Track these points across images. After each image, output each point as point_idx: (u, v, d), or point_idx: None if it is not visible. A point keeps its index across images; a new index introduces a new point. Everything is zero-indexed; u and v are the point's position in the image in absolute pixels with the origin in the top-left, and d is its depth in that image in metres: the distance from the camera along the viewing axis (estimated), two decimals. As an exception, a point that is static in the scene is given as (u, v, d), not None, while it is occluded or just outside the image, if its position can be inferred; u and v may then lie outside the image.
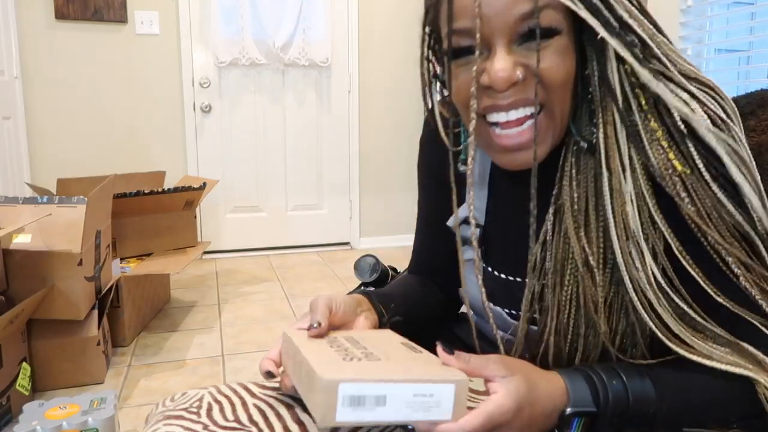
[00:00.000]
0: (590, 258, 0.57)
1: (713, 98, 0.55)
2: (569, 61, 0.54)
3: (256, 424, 0.61)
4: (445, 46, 0.57)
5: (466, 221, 0.70)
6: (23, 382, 1.60)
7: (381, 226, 3.70)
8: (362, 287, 1.11)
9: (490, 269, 0.71)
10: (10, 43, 2.82)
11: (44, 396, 1.69)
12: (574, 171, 0.58)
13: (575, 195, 0.58)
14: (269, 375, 0.63)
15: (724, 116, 0.54)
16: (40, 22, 2.94)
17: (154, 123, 3.21)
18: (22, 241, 1.64)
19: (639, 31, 0.53)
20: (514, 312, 0.68)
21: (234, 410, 0.64)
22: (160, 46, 3.15)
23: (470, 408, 0.48)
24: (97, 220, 1.81)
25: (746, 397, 0.56)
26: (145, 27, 3.10)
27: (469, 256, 0.70)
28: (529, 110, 0.56)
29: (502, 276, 0.70)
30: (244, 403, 0.65)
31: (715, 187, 0.54)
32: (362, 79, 3.50)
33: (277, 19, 3.24)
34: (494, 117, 0.57)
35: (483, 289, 0.63)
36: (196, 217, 2.53)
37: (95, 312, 1.78)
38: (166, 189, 2.30)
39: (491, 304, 0.68)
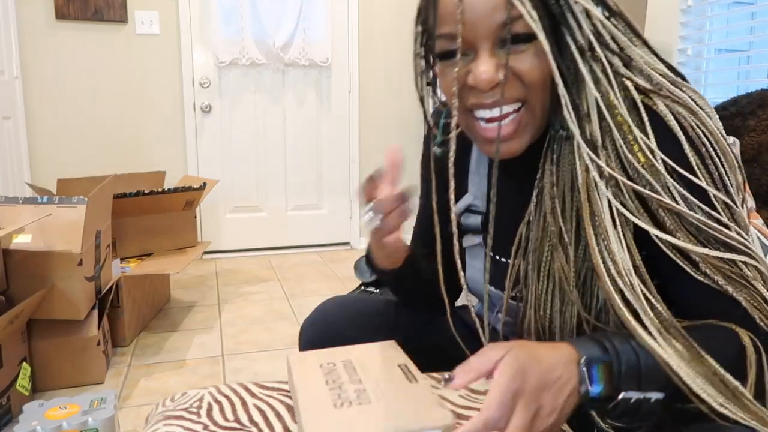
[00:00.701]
0: (564, 235, 0.62)
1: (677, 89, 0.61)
2: (546, 62, 0.58)
3: (256, 424, 0.61)
4: (435, 48, 0.62)
5: (467, 210, 0.77)
6: (23, 382, 1.60)
7: (381, 226, 3.70)
8: (362, 287, 1.13)
9: (491, 254, 0.75)
10: (10, 43, 2.82)
11: (44, 396, 1.69)
12: (555, 156, 0.63)
13: (554, 178, 0.63)
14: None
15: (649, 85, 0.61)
16: (40, 22, 2.95)
17: (154, 123, 3.21)
18: (22, 241, 1.64)
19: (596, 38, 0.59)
20: (513, 294, 0.71)
21: (234, 410, 0.64)
22: (160, 46, 3.15)
23: (469, 407, 0.48)
24: (97, 220, 1.81)
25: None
26: (145, 27, 3.10)
27: (470, 243, 0.77)
28: (511, 107, 0.61)
29: (502, 260, 0.74)
30: (244, 403, 0.65)
31: (670, 180, 0.58)
32: (362, 79, 3.50)
33: (277, 19, 3.24)
34: (480, 113, 0.62)
35: (487, 273, 0.70)
36: (196, 217, 2.53)
37: (95, 312, 1.78)
38: (166, 189, 2.30)
39: (492, 288, 0.73)
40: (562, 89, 0.59)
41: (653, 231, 0.58)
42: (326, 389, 0.58)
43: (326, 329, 0.83)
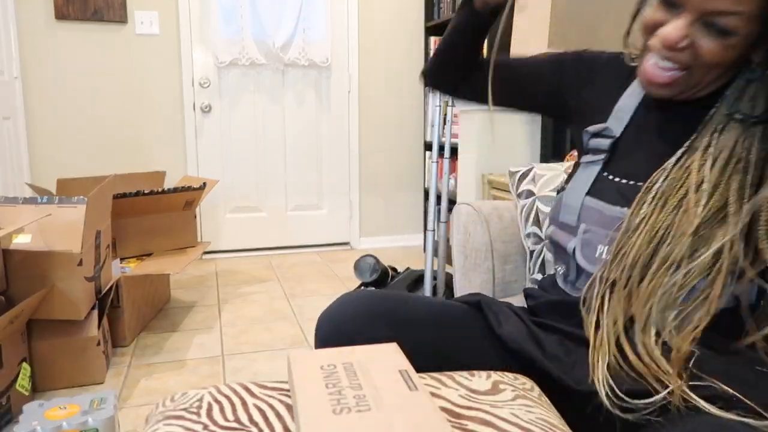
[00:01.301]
0: (702, 186, 0.68)
1: None
2: (731, 53, 0.67)
3: (256, 424, 0.61)
4: None
5: (597, 135, 0.85)
6: (23, 382, 1.60)
7: (381, 226, 3.70)
8: (362, 287, 1.13)
9: (605, 173, 0.82)
10: (10, 43, 2.83)
11: (44, 396, 1.69)
12: (719, 127, 0.70)
13: (711, 148, 0.70)
14: None
15: None
16: (40, 22, 2.95)
17: (154, 123, 3.21)
18: (22, 241, 1.65)
19: None
20: (620, 206, 0.78)
21: (234, 410, 0.64)
22: (160, 46, 3.15)
23: (470, 407, 0.48)
24: (97, 220, 1.81)
25: None
26: (145, 27, 3.10)
27: (588, 160, 0.85)
28: (674, 65, 0.70)
29: (615, 179, 0.81)
30: (244, 403, 0.65)
31: None
32: (362, 79, 3.50)
33: (277, 19, 3.25)
34: (652, 58, 0.72)
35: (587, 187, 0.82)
36: (196, 217, 2.53)
37: (95, 312, 1.78)
38: (166, 189, 2.30)
39: (590, 197, 0.81)
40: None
41: None
42: (325, 393, 0.58)
43: (341, 328, 0.82)
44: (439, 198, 2.35)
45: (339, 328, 0.82)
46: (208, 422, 0.61)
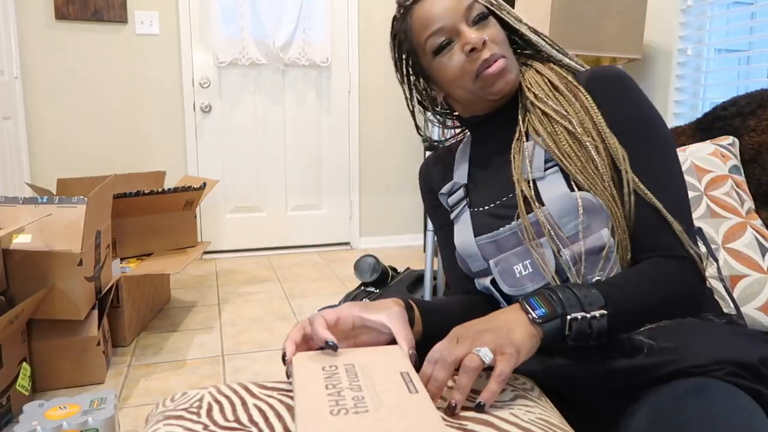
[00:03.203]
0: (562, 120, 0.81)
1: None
2: (501, 32, 0.84)
3: (256, 424, 0.61)
4: (427, 49, 0.84)
5: (451, 192, 0.94)
6: (23, 382, 1.60)
7: (381, 226, 3.70)
8: (362, 287, 1.16)
9: (474, 209, 0.90)
10: (10, 43, 2.83)
11: (44, 396, 1.69)
12: (531, 81, 0.86)
13: (534, 94, 0.84)
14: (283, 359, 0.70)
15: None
16: (40, 22, 2.95)
17: (154, 123, 3.21)
18: (22, 241, 1.64)
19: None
20: (500, 227, 0.84)
21: (234, 410, 0.64)
22: (160, 46, 3.15)
23: (468, 407, 0.48)
24: (97, 220, 1.81)
25: (679, 278, 0.73)
26: (145, 27, 3.10)
27: (455, 213, 0.93)
28: (498, 56, 0.82)
29: (485, 208, 0.88)
30: (244, 403, 0.65)
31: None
32: (362, 79, 3.50)
33: (277, 19, 3.25)
34: (483, 65, 0.81)
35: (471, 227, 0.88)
36: (196, 217, 2.53)
37: (95, 312, 1.78)
38: (166, 189, 2.30)
39: (480, 237, 0.86)
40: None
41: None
42: (325, 394, 0.58)
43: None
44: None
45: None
46: (208, 422, 0.61)
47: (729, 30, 2.26)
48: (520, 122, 0.85)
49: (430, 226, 2.25)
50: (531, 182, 0.81)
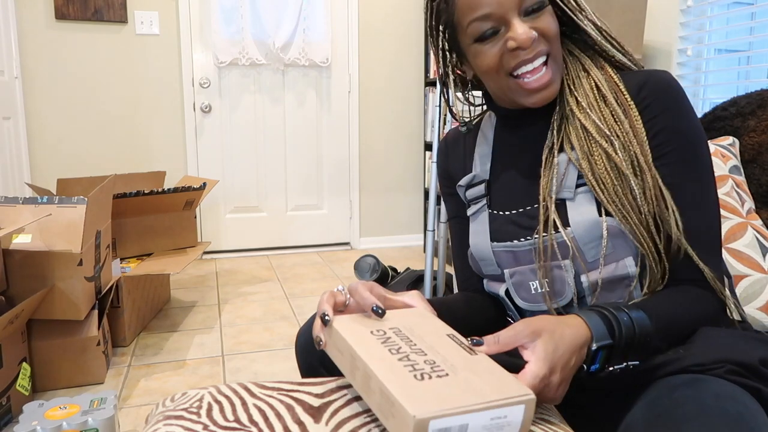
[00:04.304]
0: (605, 130, 0.75)
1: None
2: (557, 23, 0.76)
3: (256, 424, 0.61)
4: (468, 33, 0.76)
5: (471, 185, 0.88)
6: (23, 382, 1.60)
7: (381, 226, 3.70)
8: None
9: (494, 211, 0.85)
10: (10, 43, 2.83)
11: (44, 396, 1.69)
12: (558, 117, 0.79)
13: (577, 100, 0.77)
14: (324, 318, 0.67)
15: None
16: (40, 22, 2.95)
17: (154, 123, 3.21)
18: (22, 241, 1.64)
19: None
20: (520, 239, 0.80)
21: (234, 410, 0.64)
22: (160, 46, 3.15)
23: None
24: (97, 220, 1.81)
25: (705, 311, 0.72)
26: (145, 27, 3.10)
27: (474, 210, 0.87)
28: (542, 58, 0.75)
29: (506, 213, 0.83)
30: (244, 403, 0.65)
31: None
32: (362, 79, 3.50)
33: (277, 19, 3.25)
34: (523, 69, 0.75)
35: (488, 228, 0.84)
36: (196, 217, 2.53)
37: (95, 312, 1.78)
38: (166, 189, 2.30)
39: (496, 243, 0.82)
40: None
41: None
42: (395, 359, 0.56)
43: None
44: (439, 198, 2.35)
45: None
46: (208, 422, 0.61)
47: (729, 30, 2.25)
48: (555, 130, 0.78)
49: (430, 226, 2.24)
50: (558, 201, 0.76)
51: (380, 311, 0.65)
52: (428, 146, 3.59)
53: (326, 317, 0.65)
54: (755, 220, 1.16)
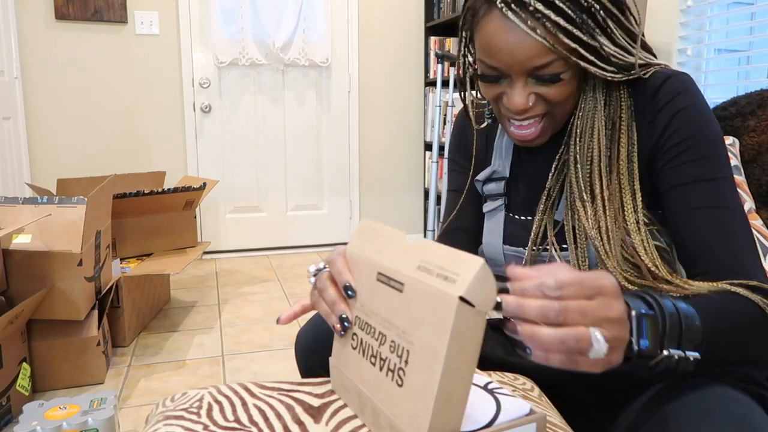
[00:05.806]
0: (583, 194, 0.73)
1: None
2: (571, 87, 0.71)
3: (256, 424, 0.61)
4: (477, 66, 0.74)
5: (490, 180, 0.87)
6: (23, 382, 1.60)
7: (381, 226, 3.70)
8: None
9: (510, 214, 0.84)
10: (10, 43, 2.83)
11: (44, 396, 1.69)
12: (578, 131, 0.75)
13: (578, 152, 0.74)
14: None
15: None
16: (40, 22, 2.95)
17: (154, 123, 3.21)
18: (22, 241, 1.64)
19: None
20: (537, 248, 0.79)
21: (234, 410, 0.64)
22: (160, 46, 3.15)
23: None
24: (97, 221, 1.81)
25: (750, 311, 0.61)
26: (145, 27, 3.10)
27: (490, 207, 0.86)
28: (537, 117, 0.73)
29: (521, 218, 0.83)
30: (244, 403, 0.65)
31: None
32: (362, 79, 3.50)
33: (277, 19, 3.25)
34: (513, 119, 0.74)
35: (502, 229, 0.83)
36: (196, 217, 2.53)
37: (95, 312, 1.78)
38: (166, 189, 2.30)
39: (508, 246, 0.82)
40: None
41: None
42: (381, 375, 0.55)
43: (319, 337, 0.83)
44: (439, 198, 2.35)
45: (315, 341, 0.82)
46: (208, 422, 0.61)
47: (729, 30, 2.25)
48: (555, 174, 0.77)
49: (430, 226, 2.24)
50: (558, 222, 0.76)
51: (350, 293, 0.62)
52: (428, 146, 3.59)
53: (345, 318, 0.62)
54: (755, 220, 1.16)
